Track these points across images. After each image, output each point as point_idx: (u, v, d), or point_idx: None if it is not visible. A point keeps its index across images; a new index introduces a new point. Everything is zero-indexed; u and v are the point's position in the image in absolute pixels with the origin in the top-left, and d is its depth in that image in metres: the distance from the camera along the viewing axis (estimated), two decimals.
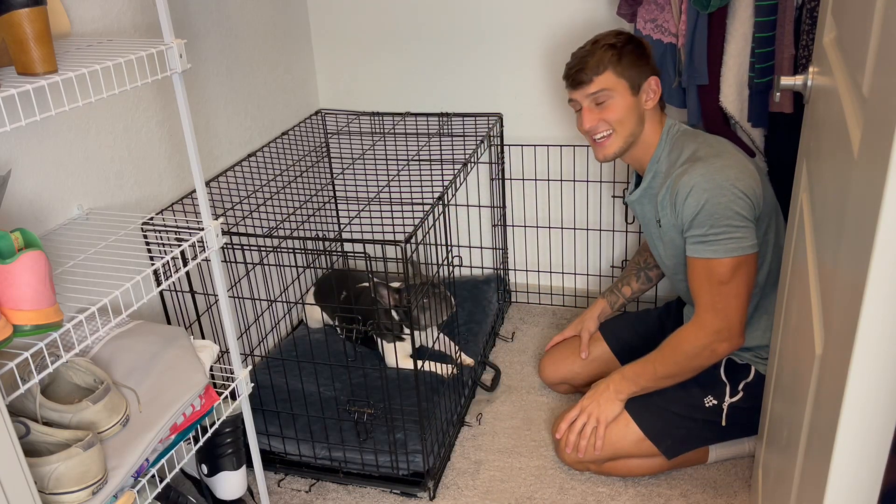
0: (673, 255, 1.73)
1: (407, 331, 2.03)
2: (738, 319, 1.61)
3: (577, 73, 1.68)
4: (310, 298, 2.30)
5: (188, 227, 1.47)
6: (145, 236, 1.61)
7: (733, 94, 1.81)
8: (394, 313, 2.04)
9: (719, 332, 1.61)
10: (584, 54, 1.69)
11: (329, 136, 2.49)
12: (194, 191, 1.42)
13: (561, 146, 2.36)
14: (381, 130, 2.44)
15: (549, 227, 2.49)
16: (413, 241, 1.59)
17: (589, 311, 2.10)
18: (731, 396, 1.71)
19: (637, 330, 2.03)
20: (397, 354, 2.06)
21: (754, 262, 1.59)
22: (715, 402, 1.72)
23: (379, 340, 2.12)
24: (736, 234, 1.54)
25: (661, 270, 2.06)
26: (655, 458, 1.77)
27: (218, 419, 1.47)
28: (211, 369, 1.48)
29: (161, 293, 1.76)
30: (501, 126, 2.39)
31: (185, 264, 1.48)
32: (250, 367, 1.61)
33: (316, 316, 2.29)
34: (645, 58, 1.69)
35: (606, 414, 1.74)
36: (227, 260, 1.87)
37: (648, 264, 2.07)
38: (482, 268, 2.62)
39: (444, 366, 2.02)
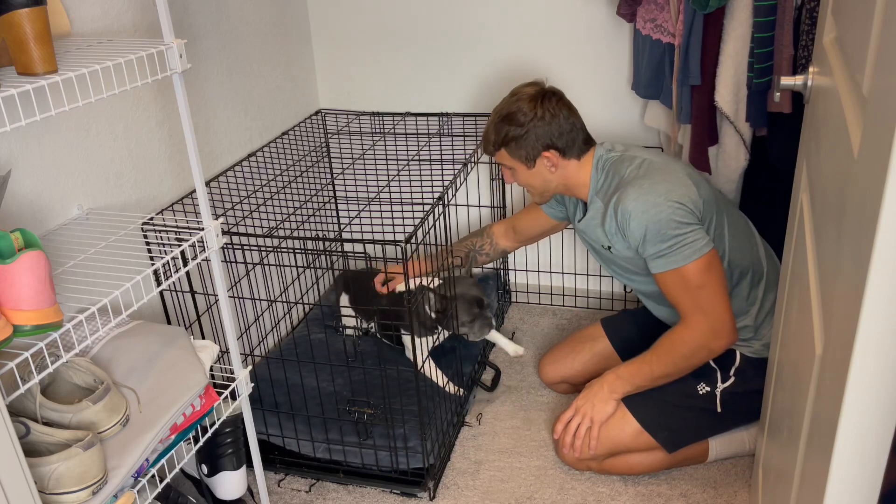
0: (633, 271, 1.78)
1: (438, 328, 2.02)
2: (727, 315, 1.65)
3: (482, 144, 1.83)
4: (343, 301, 2.27)
5: (188, 227, 1.47)
6: (145, 236, 1.61)
7: (729, 94, 1.81)
8: (430, 313, 1.99)
9: (713, 330, 1.65)
10: (486, 128, 1.80)
11: (329, 136, 2.49)
12: (194, 191, 1.42)
13: None
14: (381, 130, 2.44)
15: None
16: (413, 241, 1.59)
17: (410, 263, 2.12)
18: (723, 382, 1.74)
19: (639, 327, 2.03)
20: (422, 350, 2.03)
21: (717, 256, 1.64)
22: (708, 388, 1.74)
23: (407, 335, 2.06)
24: (688, 240, 1.59)
25: (490, 258, 2.17)
26: (655, 453, 1.77)
27: (218, 419, 1.47)
28: (211, 369, 1.48)
29: (161, 293, 1.76)
30: None
31: (185, 264, 1.48)
32: (250, 368, 1.61)
33: (350, 320, 2.25)
34: (538, 132, 1.70)
35: (601, 414, 1.75)
36: (227, 260, 1.87)
37: (482, 251, 2.15)
38: (482, 268, 2.62)
39: (451, 383, 2.02)
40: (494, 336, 2.11)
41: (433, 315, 1.98)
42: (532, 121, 1.71)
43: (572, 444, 1.78)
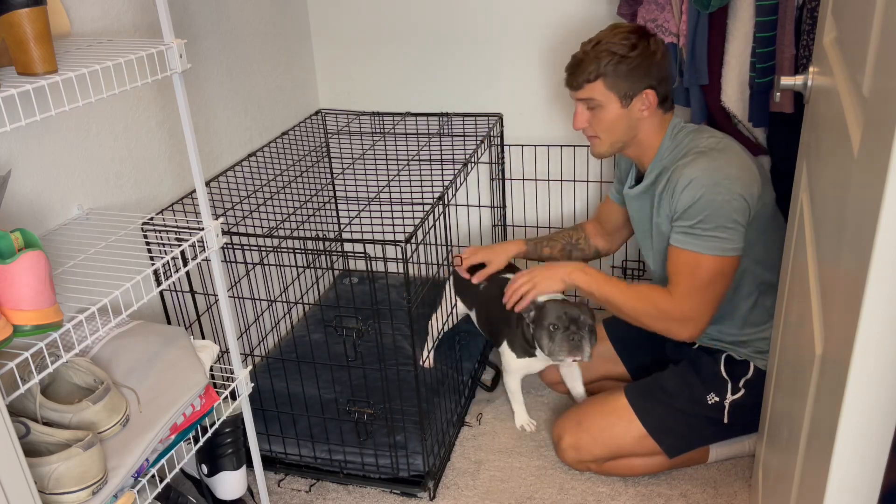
0: (662, 251, 1.72)
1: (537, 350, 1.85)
2: (706, 318, 1.63)
3: (570, 75, 1.66)
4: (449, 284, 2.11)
5: (188, 227, 1.47)
6: (145, 236, 1.61)
7: (735, 94, 1.81)
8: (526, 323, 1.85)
9: (685, 320, 1.63)
10: (582, 55, 1.65)
11: (329, 136, 2.49)
12: (194, 191, 1.42)
13: (561, 146, 2.36)
14: (381, 130, 2.44)
15: (550, 227, 2.49)
16: (413, 241, 1.59)
17: (505, 245, 2.06)
18: (732, 394, 1.71)
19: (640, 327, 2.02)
20: (512, 366, 1.93)
21: (735, 265, 1.59)
22: (717, 399, 1.72)
23: (503, 345, 1.94)
24: (723, 235, 1.55)
25: (585, 256, 2.08)
26: (656, 457, 1.77)
27: (218, 419, 1.47)
28: (211, 369, 1.48)
29: (161, 293, 1.76)
30: (501, 126, 2.39)
31: (185, 264, 1.48)
32: (250, 368, 1.61)
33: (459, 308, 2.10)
34: (643, 68, 1.61)
35: (543, 286, 1.77)
36: (227, 260, 1.87)
37: (578, 245, 2.07)
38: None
39: (524, 415, 2.00)
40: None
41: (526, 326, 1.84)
42: (641, 55, 1.59)
43: (510, 298, 1.82)
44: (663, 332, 1.68)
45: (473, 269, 2.02)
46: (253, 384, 1.59)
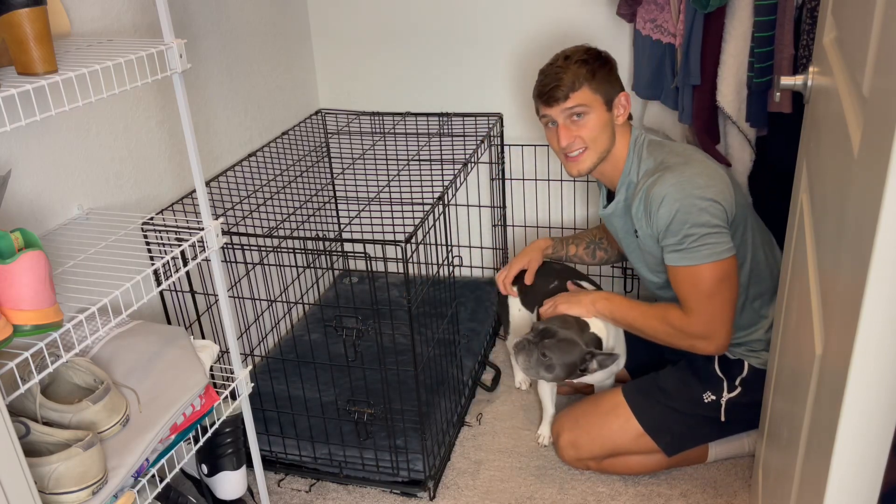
0: (654, 265, 1.73)
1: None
2: (725, 327, 1.62)
3: (552, 89, 1.66)
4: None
5: (188, 227, 1.47)
6: (145, 236, 1.61)
7: (732, 94, 1.81)
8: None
9: (705, 335, 1.63)
10: (557, 71, 1.67)
11: (329, 136, 2.49)
12: (194, 191, 1.42)
13: None
14: (381, 130, 2.44)
15: (550, 227, 2.49)
16: (413, 241, 1.59)
17: (535, 244, 2.07)
18: (728, 392, 1.72)
19: None
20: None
21: (734, 265, 1.60)
22: (713, 397, 1.73)
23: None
24: (710, 241, 1.56)
25: (609, 256, 2.08)
26: (655, 455, 1.78)
27: (218, 419, 1.47)
28: (211, 369, 1.48)
29: (161, 293, 1.76)
30: (501, 126, 2.39)
31: (185, 264, 1.48)
32: (250, 367, 1.61)
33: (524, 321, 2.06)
34: (615, 73, 1.70)
35: (566, 308, 1.80)
36: (227, 260, 1.87)
37: (601, 244, 2.08)
38: (482, 268, 2.62)
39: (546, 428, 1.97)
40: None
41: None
42: (608, 62, 1.69)
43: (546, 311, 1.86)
44: (690, 350, 1.68)
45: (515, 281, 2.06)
46: (253, 384, 1.59)
